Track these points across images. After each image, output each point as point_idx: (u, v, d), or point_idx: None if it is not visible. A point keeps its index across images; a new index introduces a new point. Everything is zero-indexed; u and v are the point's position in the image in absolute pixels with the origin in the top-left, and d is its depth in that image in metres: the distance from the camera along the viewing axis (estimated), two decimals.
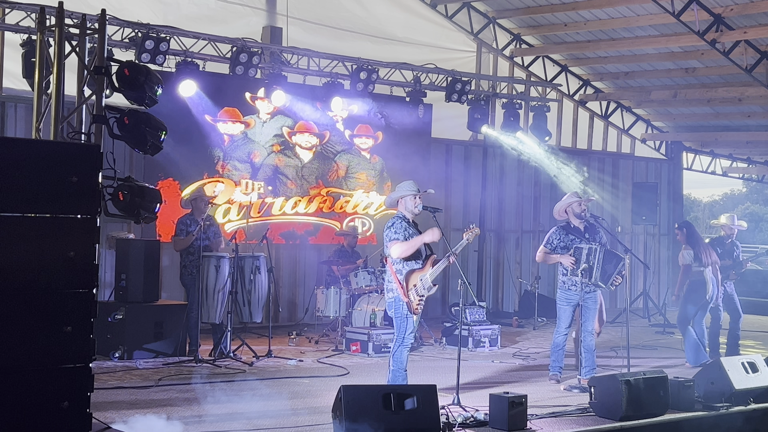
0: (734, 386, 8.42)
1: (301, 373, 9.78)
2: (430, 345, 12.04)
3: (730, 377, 8.45)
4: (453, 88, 14.64)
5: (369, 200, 14.62)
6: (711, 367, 8.75)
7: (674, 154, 20.31)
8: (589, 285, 9.12)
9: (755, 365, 8.80)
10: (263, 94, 13.14)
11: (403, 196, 8.14)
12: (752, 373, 8.70)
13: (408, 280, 7.93)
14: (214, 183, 12.90)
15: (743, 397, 8.46)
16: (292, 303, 14.04)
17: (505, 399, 7.24)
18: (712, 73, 16.38)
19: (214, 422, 7.14)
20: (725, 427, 8.10)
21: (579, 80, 18.01)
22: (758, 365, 8.84)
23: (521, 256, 17.35)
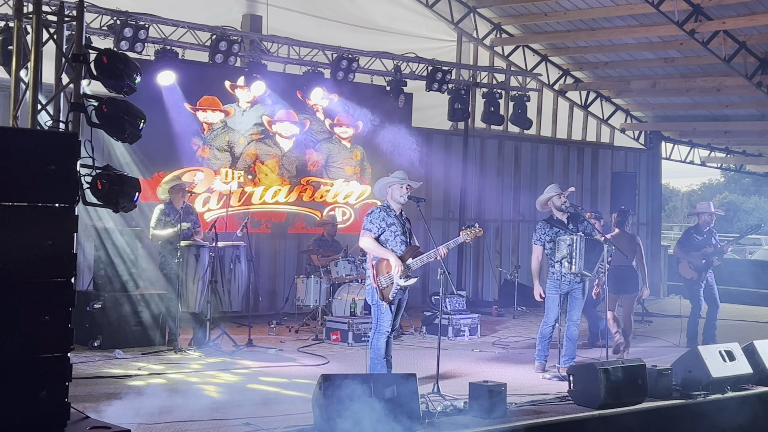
0: (711, 374, 8.49)
1: (281, 362, 9.77)
2: (410, 334, 12.06)
3: (708, 365, 8.53)
4: (433, 77, 14.63)
5: (349, 189, 14.60)
6: (688, 355, 8.82)
7: (653, 143, 20.40)
8: (576, 275, 9.16)
9: (732, 354, 8.88)
10: (243, 83, 13.09)
11: (392, 183, 8.16)
12: (729, 362, 8.78)
13: (380, 266, 7.94)
14: (194, 172, 12.84)
15: (720, 386, 8.54)
16: (272, 292, 14.02)
17: (484, 387, 7.27)
18: (690, 63, 16.45)
19: (194, 412, 7.12)
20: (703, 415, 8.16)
21: (559, 70, 18.05)
22: (735, 354, 8.91)
23: (501, 246, 17.40)
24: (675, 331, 12.57)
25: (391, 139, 14.82)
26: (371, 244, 7.98)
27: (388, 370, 7.94)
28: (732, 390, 8.61)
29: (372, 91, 14.63)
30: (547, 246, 9.40)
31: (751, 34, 14.59)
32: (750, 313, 16.23)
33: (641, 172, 19.81)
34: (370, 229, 7.99)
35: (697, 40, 14.42)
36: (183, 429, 6.63)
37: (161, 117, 12.31)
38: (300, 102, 13.80)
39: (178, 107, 12.57)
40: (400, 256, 7.95)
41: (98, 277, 10.48)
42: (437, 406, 7.32)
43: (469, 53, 16.88)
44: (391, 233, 8.02)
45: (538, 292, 9.42)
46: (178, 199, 10.73)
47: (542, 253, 9.46)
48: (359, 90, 14.35)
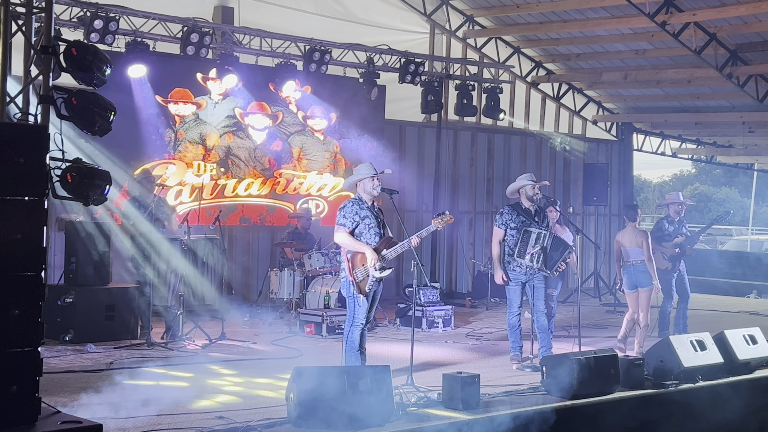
0: (683, 364, 8.57)
1: (255, 356, 9.74)
2: (384, 326, 12.06)
3: (679, 355, 8.60)
4: (406, 69, 14.63)
5: (323, 182, 14.57)
6: (660, 345, 8.88)
7: (625, 135, 20.52)
8: (535, 269, 9.18)
9: (703, 343, 8.96)
10: (215, 75, 13.03)
11: (362, 178, 8.14)
12: (700, 351, 8.86)
13: (355, 259, 7.94)
14: (165, 165, 12.77)
15: (692, 375, 8.61)
16: (246, 285, 13.96)
17: (458, 379, 7.29)
18: (662, 54, 16.55)
19: (166, 406, 7.09)
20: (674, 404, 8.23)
21: (531, 62, 18.10)
22: (706, 343, 8.99)
23: (474, 237, 17.44)
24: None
25: (365, 131, 14.82)
26: (346, 239, 7.97)
27: (362, 363, 7.94)
28: (703, 379, 8.68)
29: (345, 83, 14.60)
30: (509, 232, 9.37)
31: (722, 26, 14.71)
32: (721, 303, 16.38)
33: (613, 163, 19.93)
34: (344, 224, 7.98)
35: (668, 32, 14.52)
36: (155, 423, 6.59)
37: (132, 109, 12.22)
38: (272, 94, 13.74)
39: (149, 100, 12.48)
40: (374, 248, 7.94)
41: (69, 270, 10.40)
42: (411, 397, 7.33)
43: (441, 45, 16.89)
44: (366, 226, 8.01)
45: (500, 275, 9.39)
46: (148, 192, 10.65)
47: (503, 237, 9.45)
48: (332, 82, 14.32)
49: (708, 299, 16.79)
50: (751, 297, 19.74)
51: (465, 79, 16.09)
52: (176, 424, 6.61)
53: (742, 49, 15.50)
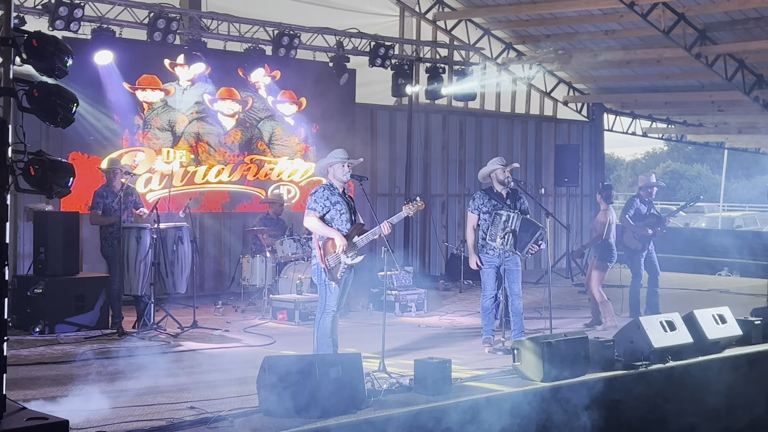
0: (653, 345, 8.62)
1: (227, 344, 9.72)
2: (357, 311, 12.07)
3: (649, 336, 8.65)
4: (376, 53, 14.57)
5: (294, 167, 14.52)
6: (630, 326, 8.93)
7: (595, 115, 20.60)
8: (507, 251, 9.22)
9: (673, 323, 9.03)
10: (183, 61, 12.91)
11: (332, 163, 8.12)
12: (670, 332, 8.92)
13: (327, 246, 7.93)
14: (134, 152, 12.66)
15: (662, 355, 8.68)
16: (218, 272, 13.92)
17: (429, 364, 7.31)
18: (630, 35, 16.59)
19: (138, 396, 7.06)
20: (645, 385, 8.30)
21: (501, 44, 18.08)
22: (676, 323, 9.06)
23: (447, 220, 17.47)
24: (617, 301, 12.73)
25: (336, 115, 14.77)
26: (316, 223, 7.96)
27: (333, 350, 7.94)
28: (673, 359, 8.75)
29: (315, 67, 14.53)
30: (482, 216, 9.41)
31: (690, 6, 14.76)
32: (692, 281, 16.51)
33: (584, 144, 20.01)
34: (315, 208, 7.97)
35: (637, 12, 14.56)
36: (127, 414, 6.56)
37: (99, 97, 12.11)
38: (241, 79, 13.64)
39: (117, 87, 12.36)
40: (345, 234, 7.93)
41: (38, 261, 10.32)
42: (383, 384, 7.34)
43: (411, 28, 16.84)
44: (336, 212, 8.00)
45: (474, 260, 9.44)
46: (117, 181, 10.57)
47: (476, 222, 9.48)
48: (302, 67, 14.25)
49: (679, 277, 16.92)
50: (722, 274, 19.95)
51: (435, 62, 16.05)
52: (147, 414, 6.58)
53: (710, 29, 15.57)
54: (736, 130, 22.36)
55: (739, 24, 15.27)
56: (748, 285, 15.73)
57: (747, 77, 17.05)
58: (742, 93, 17.21)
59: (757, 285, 14.83)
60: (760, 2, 14.27)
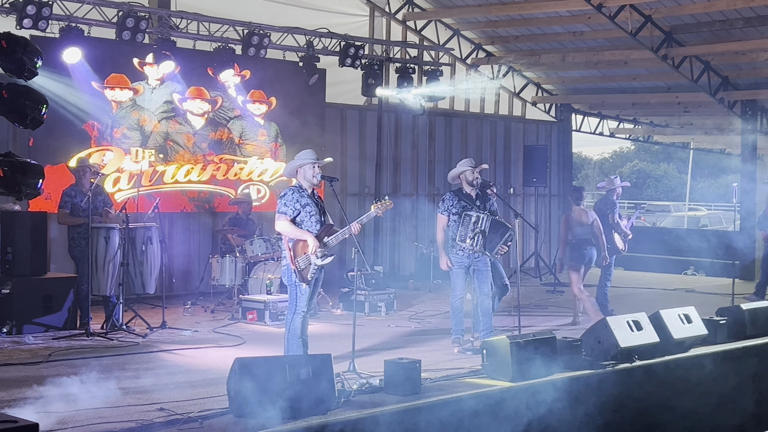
0: (620, 344, 8.72)
1: (197, 344, 9.69)
2: (326, 311, 12.08)
3: (616, 335, 8.75)
4: (346, 52, 14.58)
5: (264, 167, 14.50)
6: (598, 326, 9.03)
7: (564, 116, 20.75)
8: (477, 252, 9.29)
9: (640, 323, 9.13)
10: (152, 60, 12.85)
11: (302, 164, 8.12)
12: (637, 331, 9.03)
13: (297, 247, 7.94)
14: (102, 152, 12.59)
15: (628, 355, 8.78)
16: (187, 272, 13.85)
17: (399, 365, 7.35)
18: (598, 36, 16.75)
19: (107, 397, 7.03)
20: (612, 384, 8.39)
21: (471, 44, 18.18)
22: (642, 323, 9.17)
23: (417, 220, 17.51)
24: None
25: (306, 115, 14.77)
26: (287, 227, 7.97)
27: (304, 351, 7.96)
28: (640, 359, 8.86)
29: (284, 67, 14.53)
30: (451, 218, 9.47)
31: (657, 8, 14.92)
32: (658, 281, 16.71)
33: (552, 144, 20.15)
34: (285, 212, 7.98)
35: (605, 14, 14.70)
36: (96, 416, 6.55)
37: (67, 95, 12.02)
38: (211, 79, 13.61)
39: (86, 86, 12.29)
40: (315, 235, 7.95)
41: (5, 261, 10.24)
42: (353, 384, 7.37)
43: (381, 28, 16.88)
44: (307, 214, 8.01)
45: (445, 261, 9.50)
46: (85, 180, 10.51)
47: (446, 223, 9.53)
48: (271, 66, 14.23)
49: (645, 276, 17.13)
50: (688, 273, 20.20)
51: (405, 62, 16.10)
52: (117, 416, 6.56)
53: (676, 31, 15.76)
54: (702, 131, 22.64)
55: (705, 26, 15.47)
56: (713, 284, 15.94)
57: (713, 79, 17.27)
58: (707, 94, 17.43)
59: (723, 284, 15.06)
60: (725, 5, 14.47)
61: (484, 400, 7.43)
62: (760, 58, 16.32)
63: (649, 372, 8.80)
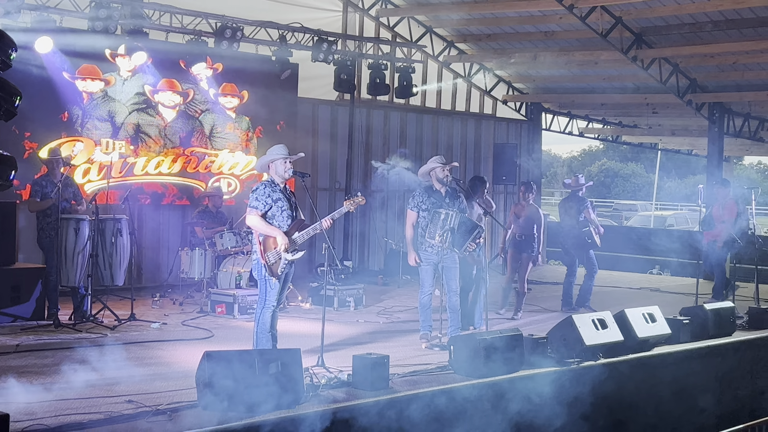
0: (585, 342, 8.85)
1: (165, 337, 9.70)
2: (295, 305, 12.12)
3: (581, 333, 8.88)
4: (319, 48, 14.61)
5: (235, 160, 14.49)
6: (563, 324, 9.14)
7: (534, 115, 20.90)
8: (446, 249, 9.37)
9: (605, 322, 9.27)
10: (124, 51, 12.81)
11: (274, 159, 8.16)
12: (602, 330, 9.16)
13: (267, 242, 7.99)
14: (73, 142, 12.53)
15: (593, 353, 8.91)
16: (156, 264, 13.84)
17: (367, 359, 7.42)
18: (569, 37, 16.89)
19: (75, 389, 7.04)
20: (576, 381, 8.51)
21: (443, 42, 18.26)
22: (607, 322, 9.30)
23: (387, 215, 17.56)
24: (554, 299, 13.03)
25: (278, 109, 14.78)
26: (258, 222, 8.01)
27: (273, 345, 8.01)
28: (604, 357, 8.99)
29: (257, 61, 14.53)
30: (421, 214, 9.54)
31: (627, 10, 15.08)
32: (624, 279, 16.91)
33: (522, 142, 20.29)
34: (257, 206, 8.01)
35: (576, 15, 14.83)
36: (65, 407, 6.55)
37: (39, 86, 11.96)
38: (183, 71, 13.58)
39: (57, 76, 12.23)
40: (285, 231, 8.00)
41: None
42: (321, 379, 7.43)
43: (354, 24, 16.91)
44: (278, 209, 8.06)
45: (413, 257, 9.56)
46: (56, 170, 10.48)
47: (416, 219, 9.60)
48: (244, 60, 14.23)
49: (611, 275, 17.31)
50: (654, 272, 20.44)
51: (378, 58, 16.15)
52: (85, 408, 6.58)
53: (646, 33, 15.94)
54: (670, 131, 22.89)
55: (675, 29, 15.66)
56: (678, 284, 16.16)
57: (681, 81, 17.49)
58: (676, 96, 17.64)
59: (687, 284, 15.25)
60: (694, 8, 14.66)
61: (451, 396, 7.52)
62: (728, 62, 16.56)
63: (613, 370, 8.93)
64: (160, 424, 6.25)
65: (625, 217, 38.17)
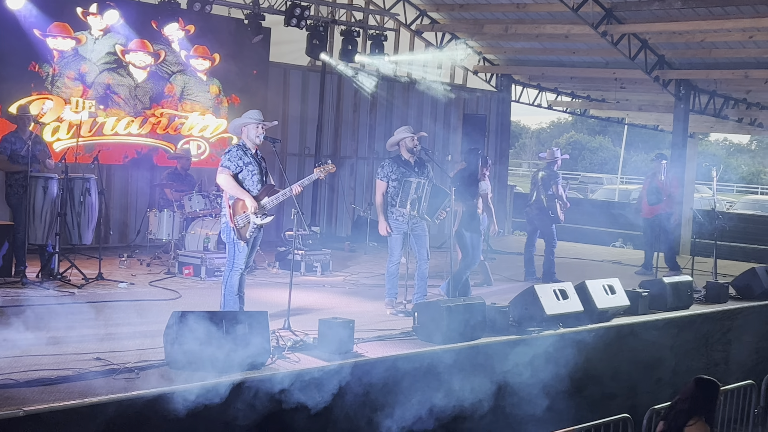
0: (546, 312, 9.06)
1: (132, 297, 9.76)
2: (263, 269, 12.21)
3: (542, 303, 9.08)
4: (292, 13, 14.61)
5: (205, 123, 14.50)
6: (525, 293, 9.34)
7: (503, 86, 21.02)
8: (416, 217, 9.49)
9: (566, 292, 9.48)
10: (96, 10, 12.75)
11: (247, 124, 8.23)
12: (563, 300, 9.37)
13: (236, 206, 8.08)
14: (42, 100, 12.48)
15: (553, 322, 9.13)
16: (123, 224, 13.87)
17: (333, 324, 7.55)
18: (541, 9, 16.99)
19: (42, 346, 7.10)
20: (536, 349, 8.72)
21: (416, 10, 18.30)
22: (568, 292, 9.52)
23: (355, 182, 17.70)
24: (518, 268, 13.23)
25: (249, 73, 14.78)
26: (228, 182, 8.08)
27: (240, 307, 8.13)
28: (564, 326, 9.21)
29: (229, 24, 14.51)
30: (390, 184, 9.63)
31: None
32: (587, 252, 17.16)
33: (492, 113, 20.43)
34: (228, 167, 8.09)
35: None
36: (32, 363, 6.61)
37: (9, 42, 11.90)
38: (155, 32, 13.54)
39: (28, 33, 12.15)
40: (255, 195, 8.09)
41: None
42: (287, 341, 7.56)
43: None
44: (248, 173, 8.14)
45: (384, 226, 9.63)
46: (25, 128, 10.45)
47: (385, 189, 9.71)
48: (216, 22, 14.21)
49: (575, 247, 17.57)
50: (617, 246, 20.75)
51: (350, 25, 16.16)
52: (54, 365, 6.62)
53: (617, 8, 16.08)
54: (637, 107, 23.13)
55: (645, 5, 15.81)
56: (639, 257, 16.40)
57: (649, 57, 17.68)
58: (643, 72, 17.83)
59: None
60: None
61: (414, 361, 7.69)
62: (695, 39, 16.76)
63: (573, 340, 9.14)
64: (129, 381, 6.34)
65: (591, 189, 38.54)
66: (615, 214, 22.65)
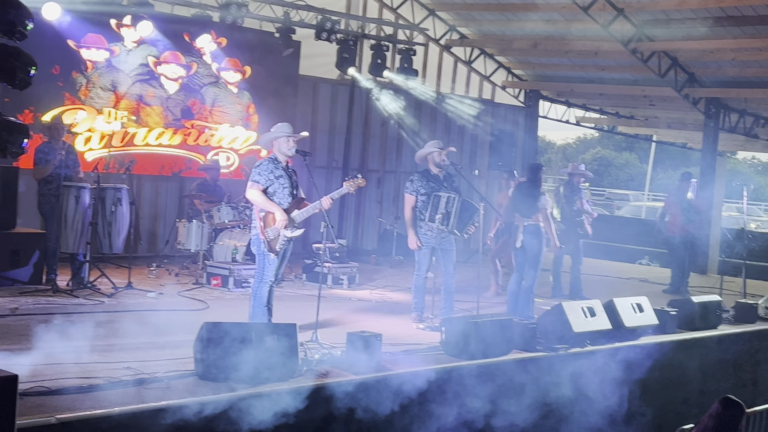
0: (573, 329, 9.03)
1: (161, 306, 9.83)
2: (290, 281, 12.26)
3: (570, 321, 9.06)
4: (322, 26, 14.70)
5: (234, 134, 14.61)
6: (553, 311, 9.32)
7: (532, 102, 21.00)
8: (445, 232, 9.51)
9: (594, 310, 9.45)
10: (129, 22, 12.88)
11: (278, 137, 8.29)
12: (590, 317, 9.35)
13: (267, 218, 8.13)
14: (75, 110, 12.63)
15: (581, 340, 9.10)
16: (153, 234, 13.99)
17: (361, 337, 7.57)
18: (570, 26, 16.94)
19: (74, 354, 7.16)
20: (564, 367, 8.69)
21: (445, 25, 18.35)
22: (596, 310, 9.49)
23: (382, 196, 17.73)
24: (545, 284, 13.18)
25: (279, 86, 14.88)
26: (258, 197, 8.14)
27: (269, 319, 8.17)
28: (591, 344, 9.17)
29: (261, 37, 14.62)
30: (419, 198, 9.66)
31: (630, 3, 15.18)
32: (613, 269, 17.05)
33: (519, 129, 20.41)
34: (258, 181, 8.15)
35: (578, 5, 14.95)
36: (64, 371, 6.65)
37: (44, 53, 11.99)
38: (187, 44, 13.68)
39: (62, 43, 12.30)
40: (285, 208, 8.13)
41: None
42: (315, 354, 7.59)
43: (358, 3, 16.97)
44: (280, 185, 8.19)
45: (414, 240, 9.66)
46: (58, 138, 10.58)
47: (414, 203, 9.72)
48: (248, 35, 14.31)
49: (601, 264, 17.46)
50: (643, 263, 20.64)
51: (380, 39, 16.23)
52: (84, 372, 6.68)
53: (647, 26, 16.04)
54: (666, 124, 23.02)
55: (676, 23, 15.76)
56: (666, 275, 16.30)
57: (679, 75, 17.60)
58: (673, 90, 17.76)
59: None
60: (696, 3, 14.78)
61: (442, 375, 7.69)
62: (726, 58, 16.68)
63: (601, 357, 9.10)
64: (158, 391, 6.38)
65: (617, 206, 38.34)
66: (641, 231, 22.53)
